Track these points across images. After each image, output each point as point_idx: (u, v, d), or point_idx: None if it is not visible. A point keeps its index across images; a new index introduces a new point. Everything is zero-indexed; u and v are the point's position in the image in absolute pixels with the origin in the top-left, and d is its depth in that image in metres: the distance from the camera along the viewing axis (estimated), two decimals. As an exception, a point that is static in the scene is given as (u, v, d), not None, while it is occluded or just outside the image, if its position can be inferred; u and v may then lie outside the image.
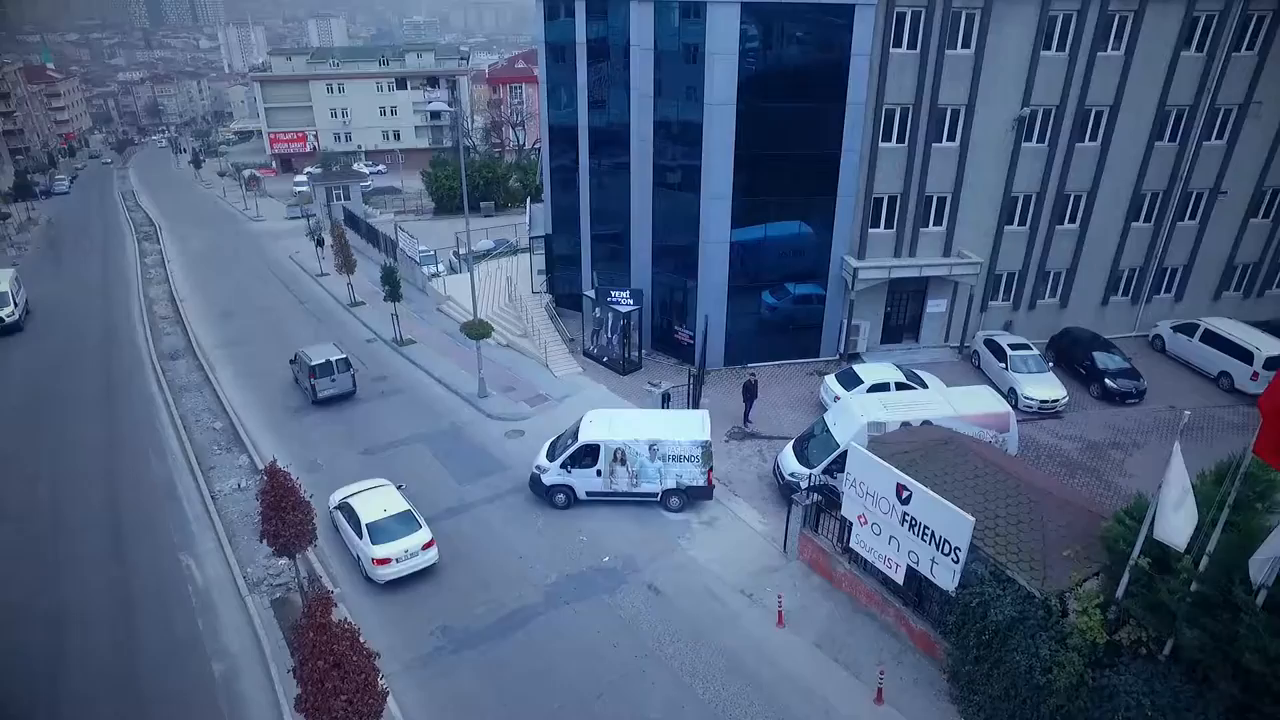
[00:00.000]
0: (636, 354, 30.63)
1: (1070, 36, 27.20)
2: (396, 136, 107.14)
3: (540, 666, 16.65)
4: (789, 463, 21.94)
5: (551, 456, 21.89)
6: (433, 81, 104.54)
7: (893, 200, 29.16)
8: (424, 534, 19.29)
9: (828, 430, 21.78)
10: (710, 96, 26.27)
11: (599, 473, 21.43)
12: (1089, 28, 26.99)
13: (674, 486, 21.42)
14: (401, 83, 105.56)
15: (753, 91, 26.32)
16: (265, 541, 16.14)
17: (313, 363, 28.20)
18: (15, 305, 39.19)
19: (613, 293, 29.99)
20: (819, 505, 19.29)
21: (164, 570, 20.21)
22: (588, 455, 21.37)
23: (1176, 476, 11.28)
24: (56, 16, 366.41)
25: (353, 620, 17.35)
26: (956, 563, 14.87)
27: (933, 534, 15.28)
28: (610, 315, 29.90)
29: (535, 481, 22.11)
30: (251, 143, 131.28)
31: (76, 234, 66.46)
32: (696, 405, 25.49)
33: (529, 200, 47.30)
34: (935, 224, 29.82)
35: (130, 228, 66.85)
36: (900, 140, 28.26)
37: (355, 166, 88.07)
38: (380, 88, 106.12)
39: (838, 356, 30.70)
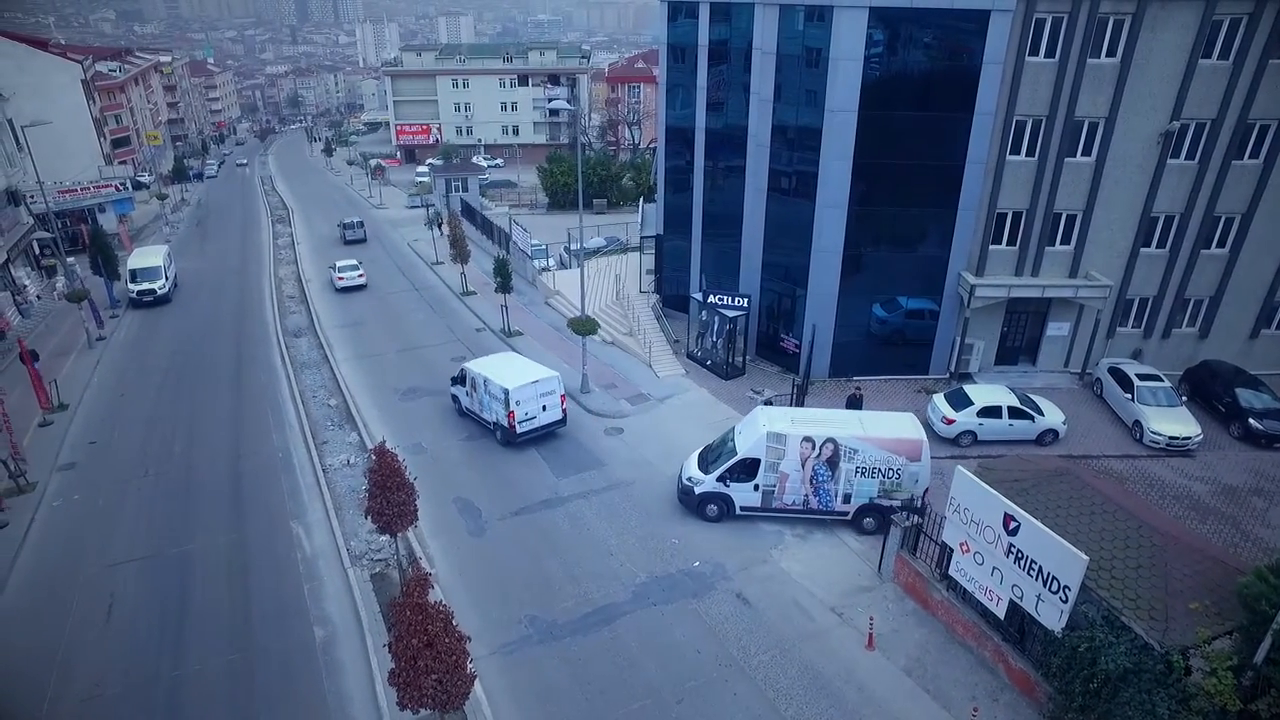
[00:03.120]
0: (740, 359, 30.37)
1: (1236, 43, 25.06)
2: (515, 132, 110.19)
3: (623, 664, 16.73)
4: (689, 467, 22.01)
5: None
6: (553, 79, 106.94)
7: (1017, 216, 27.77)
8: (361, 270, 43.82)
9: (734, 439, 21.45)
10: (831, 103, 25.73)
11: (468, 394, 26.76)
12: (1261, 33, 24.77)
13: (494, 421, 25.55)
14: (523, 79, 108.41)
15: (875, 98, 25.61)
16: (369, 519, 16.86)
17: (344, 222, 56.72)
18: (166, 279, 42.57)
19: (720, 296, 29.87)
20: (918, 527, 18.61)
21: (276, 534, 21.48)
22: (464, 380, 26.92)
23: None
24: (220, 15, 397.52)
25: (447, 602, 18.11)
26: (1065, 602, 14.02)
27: (1040, 569, 14.48)
28: (716, 319, 29.75)
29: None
30: (379, 133, 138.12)
31: (221, 215, 71.56)
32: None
33: (641, 199, 47.63)
34: (1062, 243, 28.19)
35: (266, 211, 71.43)
36: (1030, 153, 26.89)
37: (474, 159, 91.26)
38: (502, 84, 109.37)
39: (948, 375, 29.49)
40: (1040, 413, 25.20)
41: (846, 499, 20.64)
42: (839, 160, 26.43)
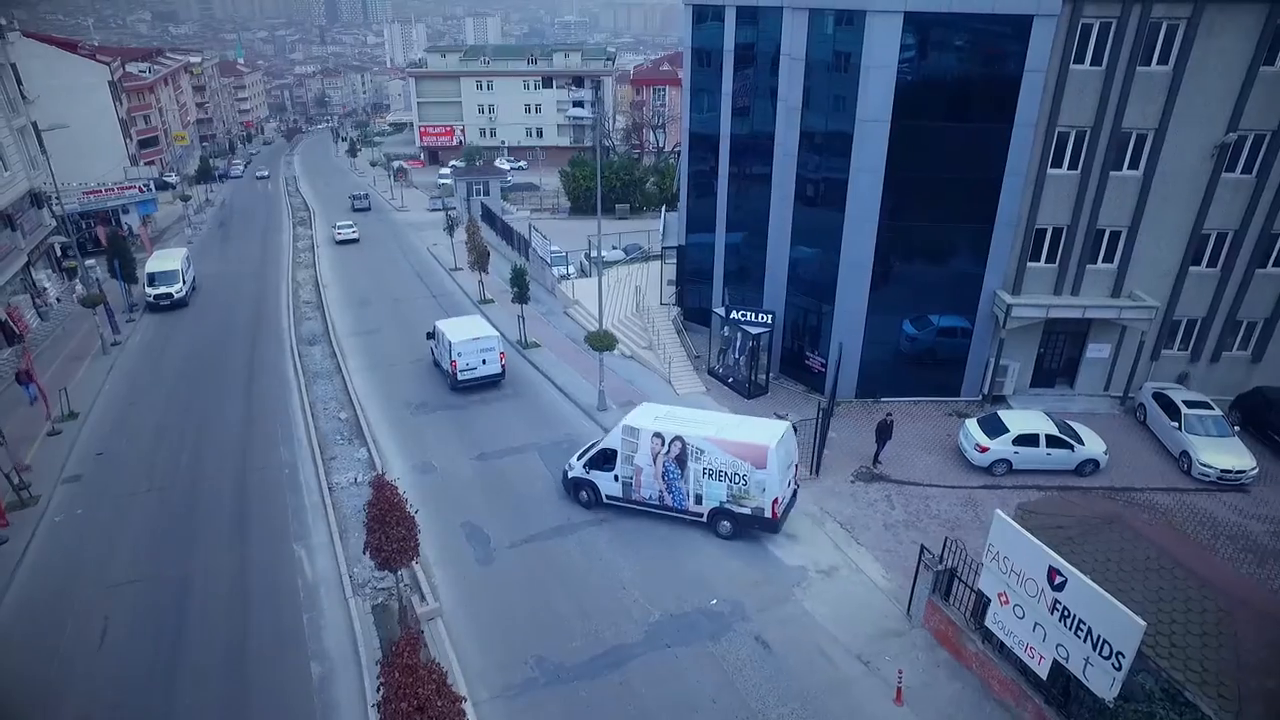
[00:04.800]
0: (764, 378, 29.20)
1: (1303, 48, 23.46)
2: (539, 134, 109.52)
3: (633, 713, 15.67)
4: (573, 455, 23.13)
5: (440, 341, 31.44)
6: (578, 81, 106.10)
7: (1057, 232, 26.39)
8: (355, 229, 57.39)
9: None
10: (863, 112, 24.52)
11: (435, 347, 31.40)
12: (1334, 37, 23.08)
13: (445, 369, 29.93)
14: (547, 81, 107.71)
15: (909, 108, 24.36)
16: (368, 554, 15.96)
17: (353, 194, 71.14)
18: (184, 283, 42.16)
19: (743, 311, 28.75)
20: (952, 571, 17.35)
21: (278, 557, 20.65)
22: (434, 335, 31.51)
23: None
24: (252, 16, 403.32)
25: (447, 637, 17.25)
26: (1118, 669, 12.72)
27: (1089, 631, 13.19)
28: (739, 335, 28.62)
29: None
30: (404, 134, 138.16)
31: (243, 216, 71.49)
32: (823, 440, 23.85)
33: (664, 207, 46.58)
34: (1105, 261, 26.73)
35: (289, 212, 71.26)
36: (1073, 166, 25.52)
37: (497, 162, 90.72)
38: (527, 85, 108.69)
39: (980, 398, 28.14)
40: (1080, 441, 23.82)
41: (699, 500, 20.63)
42: (870, 171, 25.21)
